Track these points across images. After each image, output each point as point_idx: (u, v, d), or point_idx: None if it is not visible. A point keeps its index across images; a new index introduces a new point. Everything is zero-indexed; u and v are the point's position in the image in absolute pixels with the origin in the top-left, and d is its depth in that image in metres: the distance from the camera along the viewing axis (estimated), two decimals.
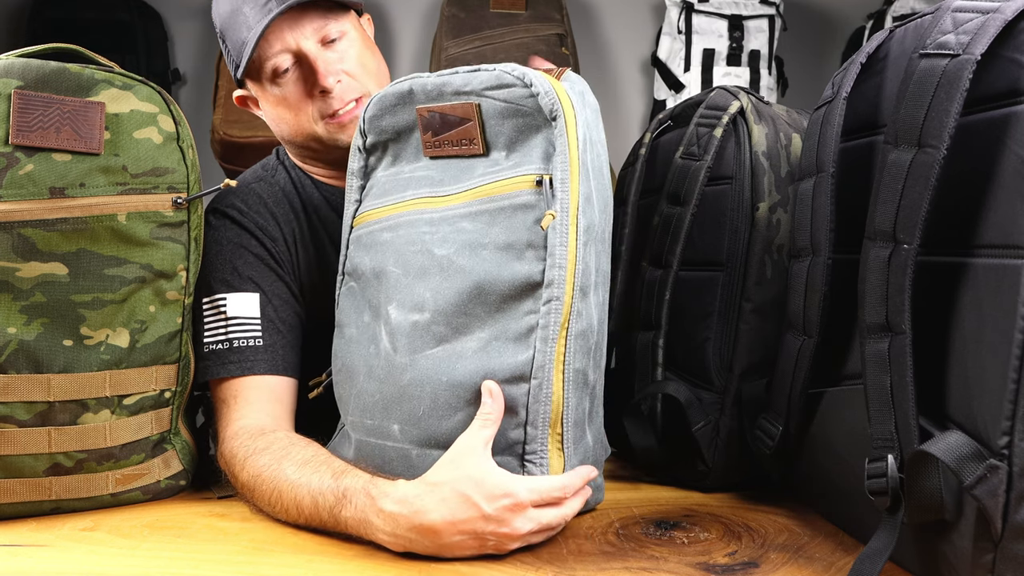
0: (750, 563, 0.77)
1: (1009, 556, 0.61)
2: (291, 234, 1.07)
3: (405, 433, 0.84)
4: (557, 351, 0.81)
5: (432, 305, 0.84)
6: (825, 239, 0.79)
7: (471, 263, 0.83)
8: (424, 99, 0.89)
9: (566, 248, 0.80)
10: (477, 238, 0.84)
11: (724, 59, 2.48)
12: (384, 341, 0.88)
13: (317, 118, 1.04)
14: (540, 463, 0.81)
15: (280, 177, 1.11)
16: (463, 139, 0.87)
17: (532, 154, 0.84)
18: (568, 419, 0.82)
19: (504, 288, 0.82)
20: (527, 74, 0.84)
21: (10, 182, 0.83)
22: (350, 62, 1.04)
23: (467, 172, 0.87)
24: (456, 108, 0.86)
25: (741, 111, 0.98)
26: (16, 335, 0.84)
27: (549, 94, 0.82)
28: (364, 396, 0.89)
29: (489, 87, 0.85)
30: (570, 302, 0.81)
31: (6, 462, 0.85)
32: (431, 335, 0.84)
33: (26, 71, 0.84)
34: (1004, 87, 0.64)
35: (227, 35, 1.04)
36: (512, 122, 0.84)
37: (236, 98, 1.11)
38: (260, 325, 0.99)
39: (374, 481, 0.79)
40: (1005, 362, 0.60)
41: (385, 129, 0.93)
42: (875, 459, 0.71)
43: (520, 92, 0.83)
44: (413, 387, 0.84)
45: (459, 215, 0.86)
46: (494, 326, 0.82)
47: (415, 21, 2.73)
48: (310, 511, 0.81)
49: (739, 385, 0.96)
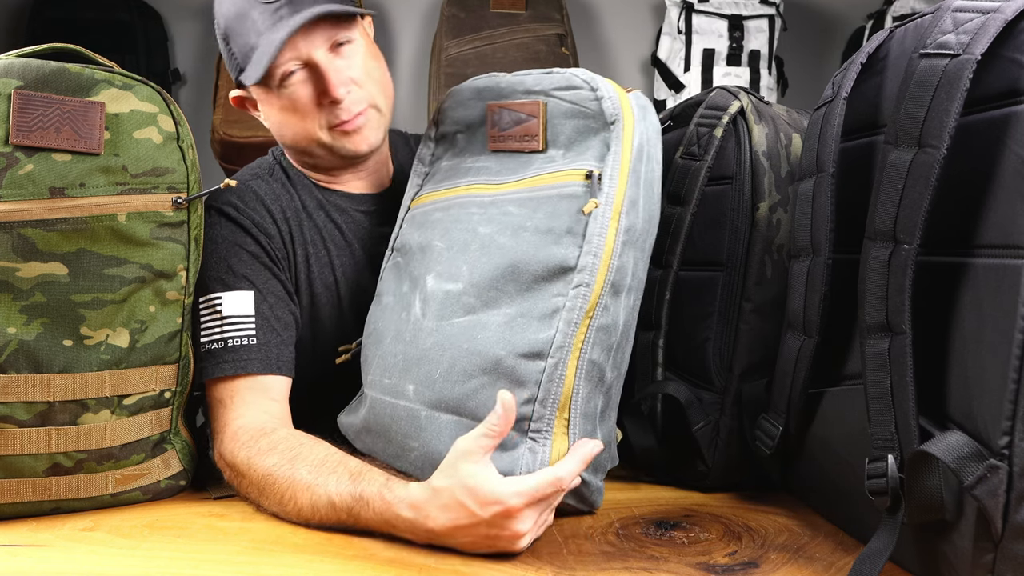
0: (750, 563, 0.77)
1: (1009, 556, 0.61)
2: (287, 232, 1.07)
3: (418, 393, 0.88)
4: (577, 336, 0.82)
5: (467, 277, 0.88)
6: (825, 239, 0.79)
7: (511, 243, 0.87)
8: (497, 96, 0.96)
9: (603, 239, 0.83)
10: (521, 221, 0.88)
11: (724, 59, 2.48)
12: (416, 307, 0.92)
13: (324, 125, 1.04)
14: (543, 442, 0.82)
15: (277, 176, 1.12)
16: (525, 135, 0.92)
17: (587, 154, 0.88)
18: (577, 407, 0.83)
19: (538, 269, 0.85)
20: (596, 79, 0.90)
21: (10, 182, 0.83)
22: (357, 70, 1.04)
23: (524, 166, 0.93)
24: (524, 106, 0.92)
25: (741, 111, 0.98)
26: (16, 335, 0.84)
27: (612, 99, 0.88)
28: (387, 357, 0.93)
29: (558, 88, 0.91)
30: (599, 292, 0.83)
31: (6, 462, 0.85)
32: (461, 305, 0.88)
33: (26, 71, 0.84)
34: (1004, 87, 0.64)
35: (232, 37, 1.03)
36: (573, 123, 0.89)
37: (233, 98, 1.10)
38: (255, 324, 0.99)
39: (388, 485, 0.81)
40: (1005, 362, 0.60)
41: (457, 121, 1.01)
42: (875, 459, 0.71)
43: (586, 95, 0.89)
44: (434, 351, 0.88)
45: (508, 200, 0.91)
46: (522, 304, 0.85)
47: (415, 21, 2.73)
48: (326, 511, 0.83)
49: (739, 385, 0.96)
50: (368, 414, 0.94)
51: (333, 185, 1.12)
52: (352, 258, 1.11)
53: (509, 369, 0.83)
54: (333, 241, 1.10)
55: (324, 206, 1.11)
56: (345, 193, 1.13)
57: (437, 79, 2.31)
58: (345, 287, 1.10)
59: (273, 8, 0.99)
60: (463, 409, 0.85)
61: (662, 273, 0.99)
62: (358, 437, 0.96)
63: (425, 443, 0.86)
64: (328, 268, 1.10)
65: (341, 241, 1.11)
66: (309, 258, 1.08)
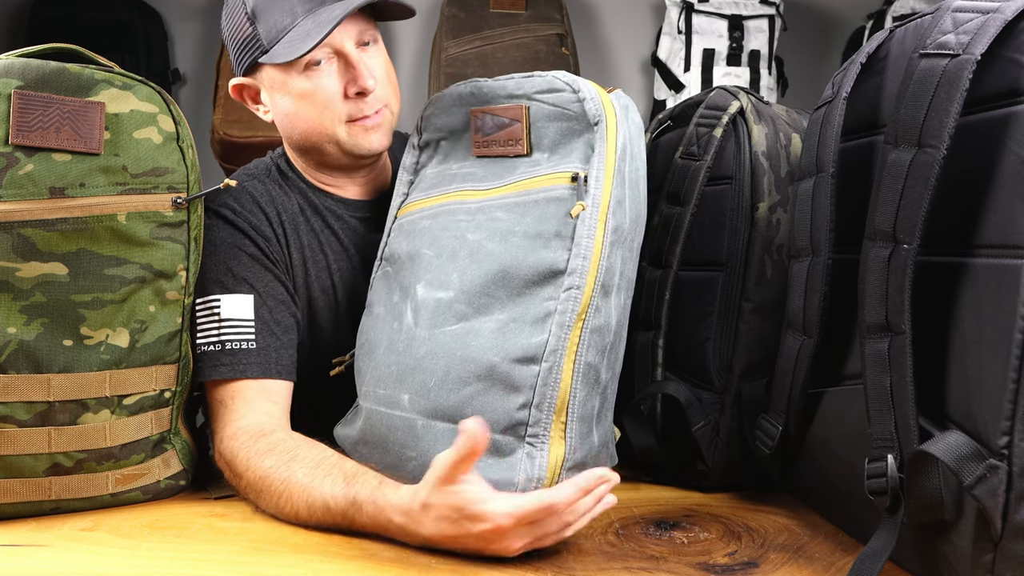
0: (750, 563, 0.77)
1: (1009, 556, 0.61)
2: (283, 235, 1.07)
3: (414, 403, 0.87)
4: (571, 339, 0.82)
5: (458, 285, 0.88)
6: (825, 239, 0.79)
7: (500, 248, 0.87)
8: (479, 101, 0.96)
9: (592, 240, 0.84)
10: (509, 226, 0.88)
11: (724, 59, 2.48)
12: (408, 317, 0.92)
13: (343, 118, 1.03)
14: (540, 447, 0.82)
15: (274, 178, 1.11)
16: (509, 139, 0.92)
17: (572, 156, 0.88)
18: (574, 410, 0.83)
19: (528, 273, 0.85)
20: (577, 81, 0.90)
21: (10, 182, 0.83)
22: (380, 71, 1.04)
23: (509, 170, 0.93)
24: (507, 110, 0.92)
25: (741, 111, 0.98)
26: (16, 335, 0.84)
27: (595, 100, 0.88)
28: (381, 368, 0.93)
29: (540, 91, 0.91)
30: (590, 293, 0.83)
31: (6, 462, 0.85)
32: (452, 313, 0.88)
33: (26, 71, 0.84)
34: (1004, 87, 0.64)
35: (261, 15, 1.00)
36: (557, 125, 0.90)
37: (233, 87, 1.08)
38: (254, 327, 0.99)
39: (381, 489, 0.80)
40: (1005, 362, 0.60)
41: (439, 128, 1.01)
42: (875, 459, 0.71)
43: (568, 97, 0.89)
44: (428, 359, 0.87)
45: (495, 205, 0.91)
46: (514, 309, 0.85)
47: (415, 21, 2.70)
48: (322, 513, 0.83)
49: (739, 385, 0.96)
50: (364, 425, 0.93)
51: (331, 189, 1.12)
52: (349, 263, 1.11)
53: (504, 375, 0.83)
54: (330, 246, 1.10)
55: (320, 211, 1.11)
56: (342, 198, 1.12)
57: (437, 79, 2.31)
58: (343, 292, 1.10)
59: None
60: (459, 417, 0.83)
61: (662, 273, 0.99)
62: (355, 449, 0.95)
63: (423, 452, 0.86)
64: (325, 272, 1.09)
65: (338, 246, 1.11)
66: (306, 262, 1.08)
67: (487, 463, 0.82)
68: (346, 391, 1.02)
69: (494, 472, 0.81)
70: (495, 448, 0.82)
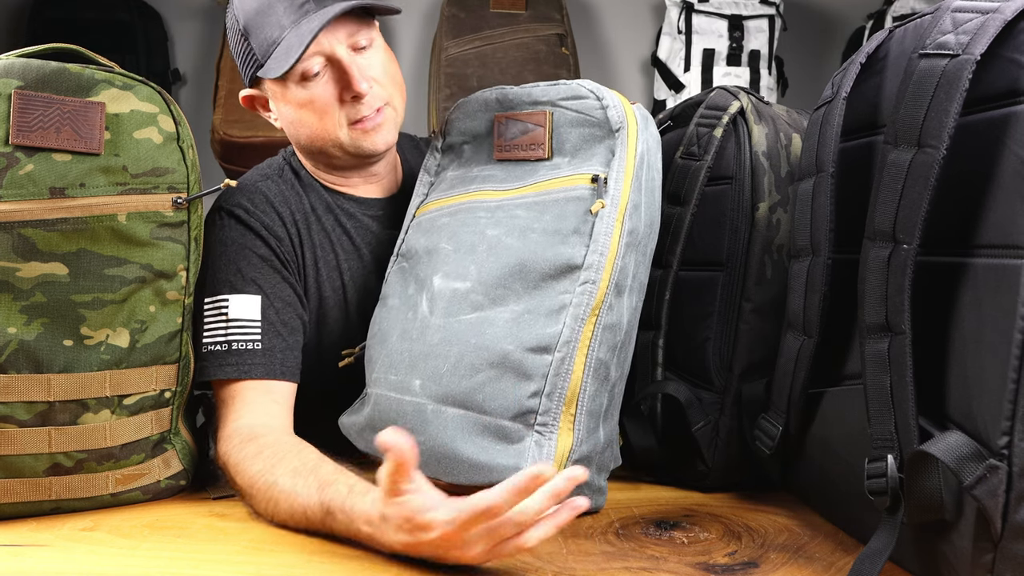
0: (750, 563, 0.77)
1: (1009, 556, 0.61)
2: (296, 235, 1.07)
3: (425, 388, 0.89)
4: (584, 332, 0.84)
5: (475, 276, 0.90)
6: (825, 239, 0.79)
7: (518, 243, 0.90)
8: (504, 107, 0.99)
9: (609, 238, 0.86)
10: (528, 223, 0.91)
11: (724, 59, 2.48)
12: (423, 306, 0.94)
13: (343, 123, 1.03)
14: (549, 436, 0.82)
15: (287, 177, 1.11)
16: (531, 144, 0.95)
17: (593, 160, 0.91)
18: (583, 403, 0.84)
19: (545, 267, 0.87)
20: (601, 89, 0.93)
21: (10, 182, 0.83)
22: (377, 70, 1.04)
23: (530, 173, 0.96)
24: (531, 116, 0.96)
25: (741, 111, 0.98)
26: (16, 335, 0.85)
27: (618, 108, 0.91)
28: (393, 354, 0.94)
29: (564, 97, 0.94)
30: (605, 289, 0.85)
31: (6, 462, 0.85)
32: (468, 302, 0.90)
33: (26, 71, 0.84)
34: (1004, 87, 0.64)
35: (252, 32, 1.01)
36: (579, 131, 0.93)
37: (243, 98, 1.09)
38: (260, 328, 0.99)
39: (350, 497, 0.78)
40: (1005, 362, 0.60)
41: (463, 132, 1.04)
42: (875, 459, 0.71)
43: (592, 104, 0.92)
44: (442, 346, 0.89)
45: (515, 204, 0.94)
46: (530, 301, 0.87)
47: (415, 21, 2.73)
48: (304, 520, 0.82)
49: (739, 385, 0.96)
50: (372, 411, 0.94)
51: (343, 188, 1.12)
52: (360, 263, 1.11)
53: (516, 363, 0.84)
54: (341, 245, 1.10)
55: (333, 210, 1.11)
56: (355, 197, 1.12)
57: (437, 79, 2.31)
58: (353, 291, 1.10)
59: (299, 3, 0.99)
60: (470, 403, 0.85)
61: (662, 273, 0.99)
62: (361, 436, 0.96)
63: (431, 437, 0.86)
64: (336, 272, 1.09)
65: (349, 246, 1.11)
66: (318, 261, 1.08)
67: (496, 448, 0.83)
68: (354, 390, 1.02)
69: (503, 458, 0.83)
70: (504, 434, 0.84)
